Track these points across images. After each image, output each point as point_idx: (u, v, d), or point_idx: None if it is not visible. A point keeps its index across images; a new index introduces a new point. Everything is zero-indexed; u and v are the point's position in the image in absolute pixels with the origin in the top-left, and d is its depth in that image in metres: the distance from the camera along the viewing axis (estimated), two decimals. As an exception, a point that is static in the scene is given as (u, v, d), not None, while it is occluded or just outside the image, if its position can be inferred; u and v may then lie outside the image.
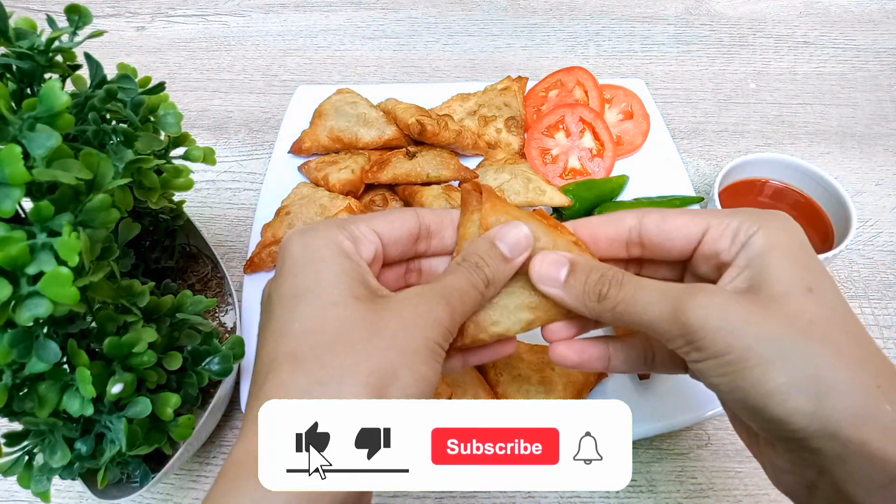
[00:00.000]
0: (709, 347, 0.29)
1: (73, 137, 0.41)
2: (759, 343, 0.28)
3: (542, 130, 0.79)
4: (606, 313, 0.33)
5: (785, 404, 0.27)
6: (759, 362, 0.28)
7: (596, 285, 0.34)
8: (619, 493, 0.55)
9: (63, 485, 0.56)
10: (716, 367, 0.29)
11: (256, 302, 0.64)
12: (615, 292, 0.33)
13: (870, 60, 0.98)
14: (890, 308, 0.68)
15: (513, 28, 1.04)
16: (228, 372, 0.49)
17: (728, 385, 0.29)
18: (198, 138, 0.62)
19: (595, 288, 0.33)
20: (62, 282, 0.31)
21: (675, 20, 1.06)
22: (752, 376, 0.28)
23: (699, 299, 0.30)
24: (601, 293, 0.33)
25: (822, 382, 0.27)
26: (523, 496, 0.55)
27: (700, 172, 0.81)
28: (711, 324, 0.29)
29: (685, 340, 0.30)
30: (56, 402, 0.38)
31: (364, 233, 0.33)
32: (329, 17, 1.06)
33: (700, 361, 0.30)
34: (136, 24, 1.04)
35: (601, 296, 0.33)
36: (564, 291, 0.34)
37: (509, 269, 0.34)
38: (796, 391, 0.27)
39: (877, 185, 0.80)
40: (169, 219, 0.58)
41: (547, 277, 0.34)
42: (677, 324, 0.30)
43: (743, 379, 0.28)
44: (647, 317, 0.31)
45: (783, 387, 0.27)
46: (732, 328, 0.29)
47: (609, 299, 0.33)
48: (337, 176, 0.71)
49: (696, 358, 0.30)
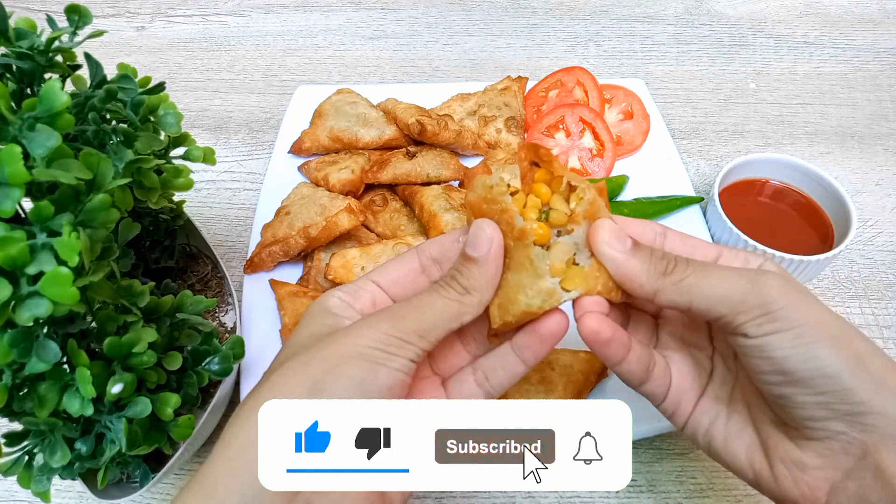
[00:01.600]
0: (787, 318, 0.32)
1: (73, 137, 0.41)
2: (831, 319, 0.33)
3: (542, 130, 0.79)
4: (670, 287, 0.34)
5: (856, 373, 0.31)
6: (834, 334, 0.32)
7: (662, 260, 0.35)
8: (619, 493, 0.55)
9: (63, 485, 0.56)
10: (791, 337, 0.32)
11: (256, 302, 0.64)
12: (682, 268, 0.35)
13: (870, 60, 0.98)
14: (890, 308, 0.68)
15: (513, 28, 1.04)
16: (228, 372, 0.49)
17: (801, 355, 0.32)
18: (198, 138, 0.62)
19: (662, 262, 0.35)
20: (62, 282, 0.31)
21: (675, 20, 1.06)
22: (827, 346, 0.31)
23: (775, 275, 0.34)
24: (667, 268, 0.35)
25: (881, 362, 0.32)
26: (523, 496, 0.55)
27: (700, 172, 0.82)
28: (791, 296, 0.32)
29: (762, 311, 0.32)
30: (56, 402, 0.38)
31: (361, 286, 0.38)
32: (329, 17, 1.06)
33: (773, 333, 0.32)
34: (136, 24, 1.04)
35: (667, 270, 0.35)
36: (631, 257, 0.35)
37: (481, 268, 0.35)
38: (864, 364, 0.31)
39: (877, 185, 0.80)
40: (169, 219, 0.58)
41: (614, 242, 0.35)
42: (757, 295, 0.32)
43: (819, 347, 0.31)
44: (720, 290, 0.33)
45: (855, 357, 0.31)
46: (807, 301, 0.33)
47: (676, 273, 0.34)
48: (337, 176, 0.71)
49: (769, 330, 0.32)
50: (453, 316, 0.35)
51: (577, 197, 0.35)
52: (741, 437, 0.37)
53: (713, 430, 0.38)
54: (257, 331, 0.61)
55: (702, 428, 0.39)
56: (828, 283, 0.70)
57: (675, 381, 0.39)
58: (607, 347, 0.35)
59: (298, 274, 0.66)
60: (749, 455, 0.36)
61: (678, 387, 0.39)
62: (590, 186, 0.35)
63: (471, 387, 0.38)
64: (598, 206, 0.36)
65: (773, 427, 0.36)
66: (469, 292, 0.35)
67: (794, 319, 0.32)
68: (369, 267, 0.63)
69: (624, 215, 0.68)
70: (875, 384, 0.31)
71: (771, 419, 0.36)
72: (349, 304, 0.37)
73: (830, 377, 0.31)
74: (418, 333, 0.34)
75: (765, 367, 0.33)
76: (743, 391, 0.38)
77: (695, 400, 0.39)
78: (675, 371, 0.39)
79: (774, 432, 0.36)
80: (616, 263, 0.35)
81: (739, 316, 0.33)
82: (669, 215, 0.71)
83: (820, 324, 0.32)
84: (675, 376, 0.39)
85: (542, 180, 0.37)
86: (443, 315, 0.35)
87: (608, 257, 0.35)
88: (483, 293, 0.35)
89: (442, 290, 0.35)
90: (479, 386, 0.38)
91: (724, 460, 0.37)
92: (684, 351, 0.40)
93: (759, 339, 0.33)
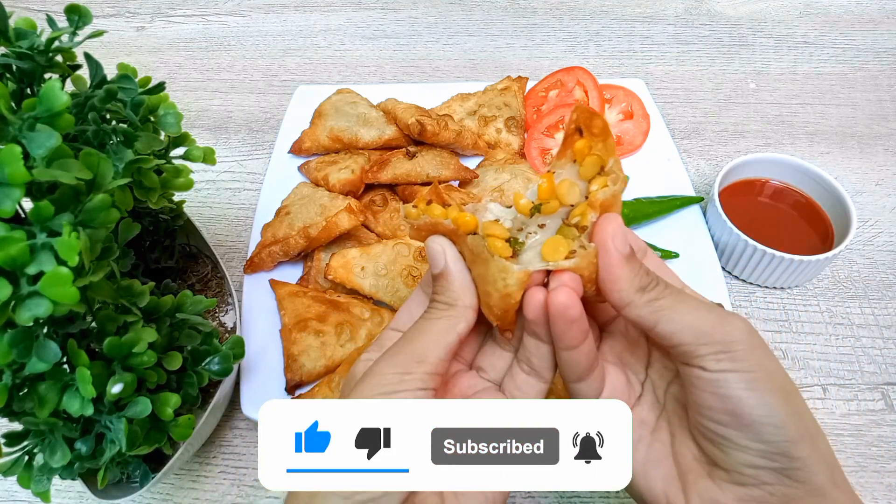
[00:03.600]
0: (747, 360, 0.33)
1: (73, 137, 0.41)
2: (781, 373, 0.34)
3: (542, 130, 0.79)
4: (643, 304, 0.34)
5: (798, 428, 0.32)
6: (783, 387, 0.33)
7: (646, 276, 0.35)
8: (620, 493, 0.55)
9: (63, 485, 0.56)
10: (747, 379, 0.32)
11: (256, 302, 0.64)
12: (660, 289, 0.35)
13: (870, 60, 0.98)
14: (890, 308, 0.68)
15: (513, 28, 1.04)
16: (228, 372, 0.49)
17: (755, 399, 0.32)
18: (198, 138, 0.62)
19: (645, 278, 0.35)
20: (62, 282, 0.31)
21: (675, 20, 1.06)
22: (777, 397, 0.32)
23: (741, 320, 0.34)
24: (648, 285, 0.35)
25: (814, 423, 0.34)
26: (523, 496, 0.55)
27: (700, 172, 0.82)
28: (753, 342, 0.33)
29: (724, 348, 0.33)
30: (56, 402, 0.38)
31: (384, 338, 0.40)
32: (329, 17, 1.06)
33: (731, 371, 0.33)
34: (136, 24, 1.04)
35: (647, 287, 0.35)
36: (625, 261, 0.35)
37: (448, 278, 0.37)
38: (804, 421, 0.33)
39: (877, 185, 0.80)
40: (169, 219, 0.58)
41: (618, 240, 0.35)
42: (722, 332, 0.33)
43: (771, 395, 0.32)
44: (689, 319, 0.34)
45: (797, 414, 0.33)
46: (765, 351, 0.34)
47: (653, 293, 0.35)
48: (337, 176, 0.71)
49: (727, 367, 0.33)
50: (445, 330, 0.36)
51: (602, 183, 0.35)
52: (660, 466, 0.37)
53: (636, 452, 0.37)
54: (257, 331, 0.61)
55: None
56: (828, 283, 0.70)
57: (608, 391, 0.39)
58: (570, 327, 0.35)
59: (298, 274, 0.66)
60: (665, 485, 0.36)
61: (609, 396, 0.39)
62: (623, 179, 0.35)
63: (523, 377, 0.39)
64: (618, 200, 0.36)
65: (694, 463, 0.36)
66: (451, 304, 0.36)
67: (752, 364, 0.33)
68: (369, 267, 0.63)
69: (624, 215, 0.69)
70: (811, 442, 0.32)
71: (694, 455, 0.36)
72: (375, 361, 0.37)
73: (778, 427, 0.32)
74: (416, 360, 0.34)
75: (715, 404, 0.33)
76: (669, 423, 0.38)
77: None
78: (609, 382, 0.39)
79: (695, 468, 0.36)
80: (611, 261, 0.34)
81: (701, 348, 0.33)
82: (669, 215, 0.71)
83: (773, 374, 0.33)
84: (607, 387, 0.39)
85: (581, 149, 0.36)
86: (434, 334, 0.36)
87: (607, 251, 0.34)
88: (463, 298, 0.36)
89: (428, 313, 0.37)
90: (528, 374, 0.38)
91: (639, 486, 0.37)
92: (619, 367, 0.41)
93: (715, 374, 0.33)
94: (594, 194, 0.35)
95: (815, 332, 0.66)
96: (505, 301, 0.35)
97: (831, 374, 0.63)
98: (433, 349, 0.35)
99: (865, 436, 0.59)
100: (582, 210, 0.35)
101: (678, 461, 0.37)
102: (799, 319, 0.67)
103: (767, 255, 0.64)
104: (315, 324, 0.59)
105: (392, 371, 0.34)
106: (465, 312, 0.36)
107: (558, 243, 0.35)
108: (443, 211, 0.37)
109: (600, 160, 0.35)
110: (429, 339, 0.35)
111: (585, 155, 0.36)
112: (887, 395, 0.61)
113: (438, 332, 0.36)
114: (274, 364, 0.59)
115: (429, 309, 0.37)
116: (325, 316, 0.60)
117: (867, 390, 0.62)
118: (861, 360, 0.64)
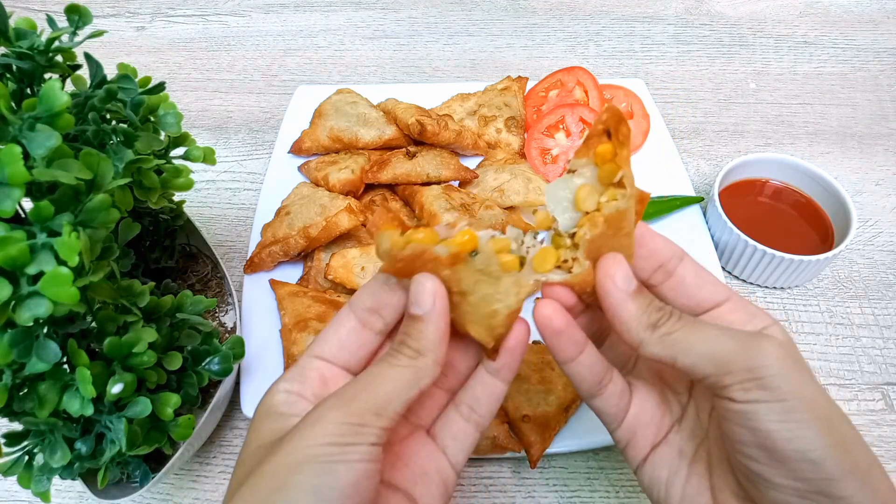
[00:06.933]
0: (778, 388, 0.30)
1: (73, 137, 0.41)
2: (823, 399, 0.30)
3: (542, 130, 0.79)
4: (655, 341, 0.33)
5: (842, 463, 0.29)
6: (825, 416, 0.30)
7: (657, 312, 0.33)
8: (619, 493, 0.55)
9: (63, 485, 0.56)
10: (779, 410, 0.30)
11: (256, 302, 0.64)
12: (672, 322, 0.33)
13: (870, 60, 0.98)
14: (890, 308, 0.68)
15: (513, 28, 1.04)
16: (228, 372, 0.49)
17: (788, 432, 0.29)
18: (198, 138, 0.62)
19: (656, 314, 0.33)
20: (62, 282, 0.31)
21: (675, 20, 1.06)
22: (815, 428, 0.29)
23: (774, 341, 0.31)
24: (659, 321, 0.33)
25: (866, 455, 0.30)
26: (523, 496, 0.55)
27: (700, 172, 0.81)
28: (786, 366, 0.30)
29: (751, 375, 0.30)
30: (56, 402, 0.38)
31: (305, 367, 0.35)
32: (329, 17, 1.06)
33: (761, 402, 0.30)
34: (136, 24, 1.04)
35: (658, 323, 0.33)
36: (630, 300, 0.33)
37: (428, 325, 0.32)
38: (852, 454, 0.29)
39: (877, 185, 0.80)
40: (169, 219, 0.58)
41: (619, 279, 0.33)
42: (747, 358, 0.30)
43: (807, 428, 0.29)
44: (707, 348, 0.32)
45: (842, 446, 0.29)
46: (803, 376, 0.31)
47: (664, 327, 0.33)
48: (337, 176, 0.71)
49: (757, 397, 0.30)
50: (409, 383, 0.32)
51: (612, 195, 0.33)
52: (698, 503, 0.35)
53: (671, 488, 0.36)
54: (257, 331, 0.61)
55: (660, 480, 0.36)
56: (828, 283, 0.70)
57: (635, 410, 0.37)
58: (557, 339, 0.34)
59: (298, 274, 0.66)
60: None
61: (636, 417, 0.37)
62: (633, 196, 0.34)
63: (459, 425, 0.36)
64: (625, 218, 0.34)
65: (732, 499, 0.34)
66: (422, 354, 0.32)
67: (785, 391, 0.30)
68: (369, 267, 0.63)
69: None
70: (860, 478, 0.29)
71: (733, 490, 0.34)
72: (297, 393, 0.34)
73: (815, 463, 0.29)
74: (373, 412, 0.30)
75: (746, 439, 0.31)
76: (708, 453, 0.36)
77: (652, 440, 0.37)
78: (637, 401, 0.38)
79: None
80: (613, 302, 0.33)
81: (726, 377, 0.31)
82: (669, 215, 0.71)
83: (812, 402, 0.30)
84: (635, 406, 0.37)
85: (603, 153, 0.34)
86: (397, 385, 0.32)
87: (607, 293, 0.33)
88: (436, 351, 0.32)
89: (392, 358, 0.33)
90: (466, 421, 0.36)
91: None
92: (656, 386, 0.39)
93: (744, 406, 0.30)
94: (600, 207, 0.33)
95: (815, 332, 0.66)
96: (511, 318, 0.34)
97: (831, 374, 0.63)
98: (393, 402, 0.31)
99: (865, 436, 0.58)
100: (582, 223, 0.34)
101: (716, 497, 0.35)
102: (799, 319, 0.67)
103: (767, 255, 0.64)
104: (315, 324, 0.59)
105: (346, 421, 0.30)
106: (433, 368, 0.32)
107: (548, 254, 0.34)
108: (429, 234, 0.33)
109: (619, 168, 0.33)
110: (390, 390, 0.31)
111: (607, 161, 0.34)
112: (887, 395, 0.61)
113: (401, 384, 0.32)
114: (274, 364, 0.59)
115: (393, 353, 0.33)
116: (325, 316, 0.60)
117: (867, 390, 0.62)
118: (861, 360, 0.64)
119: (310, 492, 0.28)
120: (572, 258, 0.34)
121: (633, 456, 0.38)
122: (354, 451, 0.29)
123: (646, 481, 0.37)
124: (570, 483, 0.55)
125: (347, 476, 0.29)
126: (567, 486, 0.55)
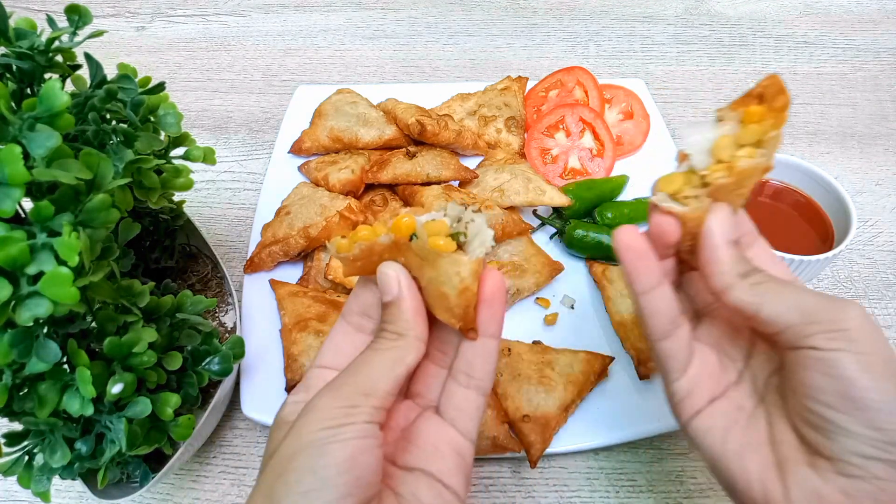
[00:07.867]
0: (862, 341, 0.31)
1: (73, 137, 0.41)
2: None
3: (542, 130, 0.79)
4: (745, 286, 0.35)
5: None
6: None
7: (748, 265, 0.36)
8: (620, 493, 0.55)
9: (63, 485, 0.56)
10: (863, 361, 0.31)
11: (256, 302, 0.64)
12: (760, 276, 0.35)
13: (870, 60, 0.98)
14: (890, 308, 0.68)
15: (513, 28, 1.04)
16: (228, 372, 0.49)
17: (870, 381, 0.31)
18: (198, 138, 0.62)
19: (747, 266, 0.36)
20: (62, 282, 0.31)
21: (675, 20, 1.06)
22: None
23: (858, 306, 0.33)
24: (748, 273, 0.35)
25: None
26: (523, 496, 0.55)
27: (700, 172, 0.81)
28: (869, 326, 0.32)
29: (836, 326, 0.32)
30: (56, 402, 0.38)
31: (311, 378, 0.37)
32: (329, 17, 1.06)
33: (845, 351, 0.31)
34: (136, 24, 1.04)
35: (747, 273, 0.35)
36: (728, 246, 0.36)
37: (400, 306, 0.35)
38: None
39: (877, 185, 0.80)
40: (169, 219, 0.58)
41: (725, 225, 0.36)
42: (834, 311, 0.32)
43: (888, 380, 0.31)
44: (795, 300, 0.33)
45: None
46: (882, 340, 0.32)
47: (754, 278, 0.35)
48: (337, 176, 0.71)
49: (841, 346, 0.31)
50: (394, 362, 0.34)
51: (751, 153, 0.36)
52: (758, 452, 0.35)
53: (730, 434, 0.36)
54: (257, 331, 0.61)
55: (716, 428, 0.37)
56: (828, 283, 0.70)
57: (696, 366, 0.38)
58: (638, 262, 0.36)
59: (298, 274, 0.66)
60: (762, 472, 0.34)
61: (696, 373, 0.38)
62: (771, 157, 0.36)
63: (460, 394, 0.37)
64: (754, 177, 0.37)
65: (794, 451, 0.34)
66: (402, 335, 0.34)
67: (868, 346, 0.31)
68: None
69: (624, 215, 0.69)
70: None
71: (794, 444, 0.35)
72: (303, 402, 0.35)
73: (894, 414, 0.30)
74: (363, 393, 0.32)
75: (826, 386, 0.32)
76: (767, 412, 0.37)
77: (711, 394, 0.38)
78: (699, 357, 0.39)
79: (795, 456, 0.34)
80: (713, 242, 0.36)
81: (811, 326, 0.32)
82: (669, 215, 0.71)
83: (890, 361, 0.31)
84: (696, 362, 0.38)
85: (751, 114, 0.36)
86: (382, 365, 0.34)
87: (712, 233, 0.36)
88: (415, 329, 0.34)
89: (375, 344, 0.35)
90: (466, 388, 0.37)
91: (733, 472, 0.35)
92: (714, 350, 0.40)
93: (828, 353, 0.31)
94: (737, 159, 0.36)
95: (815, 332, 0.66)
96: (464, 296, 0.34)
97: (831, 374, 0.63)
98: (381, 382, 0.33)
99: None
100: (717, 168, 0.36)
101: (776, 448, 0.35)
102: (799, 319, 0.67)
103: (767, 255, 0.64)
104: (315, 324, 0.59)
105: (337, 405, 0.32)
106: (415, 344, 0.34)
107: (675, 178, 0.37)
108: (372, 229, 0.35)
109: (762, 132, 0.36)
110: (376, 371, 0.33)
111: (753, 122, 0.36)
112: (887, 395, 0.61)
113: (387, 363, 0.34)
114: (274, 364, 0.59)
115: (376, 339, 0.35)
116: (325, 316, 0.60)
117: (867, 390, 0.62)
118: (861, 360, 0.64)
119: (308, 472, 0.30)
120: (693, 195, 0.36)
121: (690, 406, 0.38)
122: (346, 431, 0.31)
123: (702, 430, 0.38)
124: (570, 483, 0.55)
125: (342, 452, 0.30)
126: (567, 486, 0.55)
